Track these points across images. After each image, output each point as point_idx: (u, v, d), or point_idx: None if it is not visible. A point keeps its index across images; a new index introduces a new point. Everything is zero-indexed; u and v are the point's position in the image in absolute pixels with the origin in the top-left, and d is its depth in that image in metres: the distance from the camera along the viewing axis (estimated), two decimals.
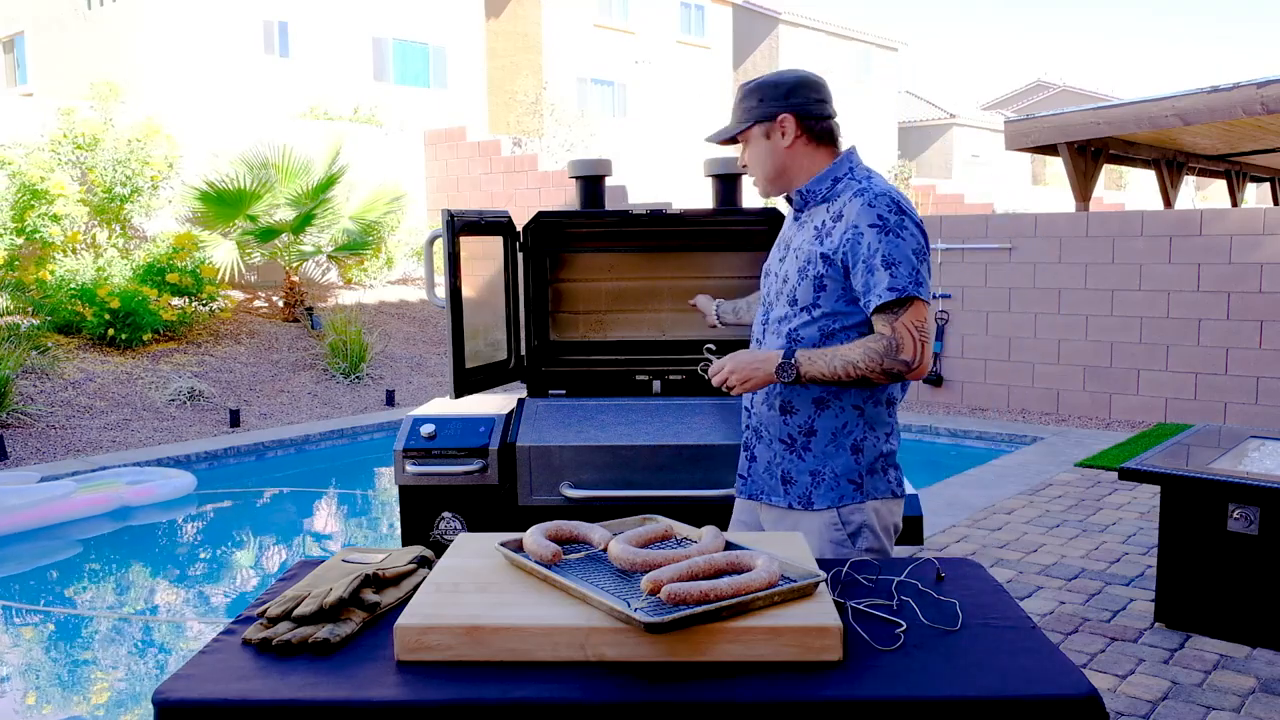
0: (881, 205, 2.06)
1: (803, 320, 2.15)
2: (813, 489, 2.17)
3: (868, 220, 2.05)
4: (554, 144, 17.18)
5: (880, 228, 2.04)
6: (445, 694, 1.36)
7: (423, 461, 2.98)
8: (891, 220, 2.05)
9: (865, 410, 2.16)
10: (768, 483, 2.24)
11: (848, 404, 2.14)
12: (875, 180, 2.14)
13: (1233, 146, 11.15)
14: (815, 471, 2.17)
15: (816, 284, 2.12)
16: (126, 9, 19.17)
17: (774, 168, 2.20)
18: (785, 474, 2.20)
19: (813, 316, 2.14)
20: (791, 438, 2.19)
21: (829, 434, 2.15)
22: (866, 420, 2.16)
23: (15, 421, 7.82)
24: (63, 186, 9.97)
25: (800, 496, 2.18)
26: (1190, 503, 3.74)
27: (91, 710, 4.01)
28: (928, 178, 29.99)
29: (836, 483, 2.15)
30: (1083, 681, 1.38)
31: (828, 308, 2.12)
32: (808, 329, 2.14)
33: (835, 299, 2.11)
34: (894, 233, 2.04)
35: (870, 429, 2.17)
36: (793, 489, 2.19)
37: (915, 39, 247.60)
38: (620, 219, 3.36)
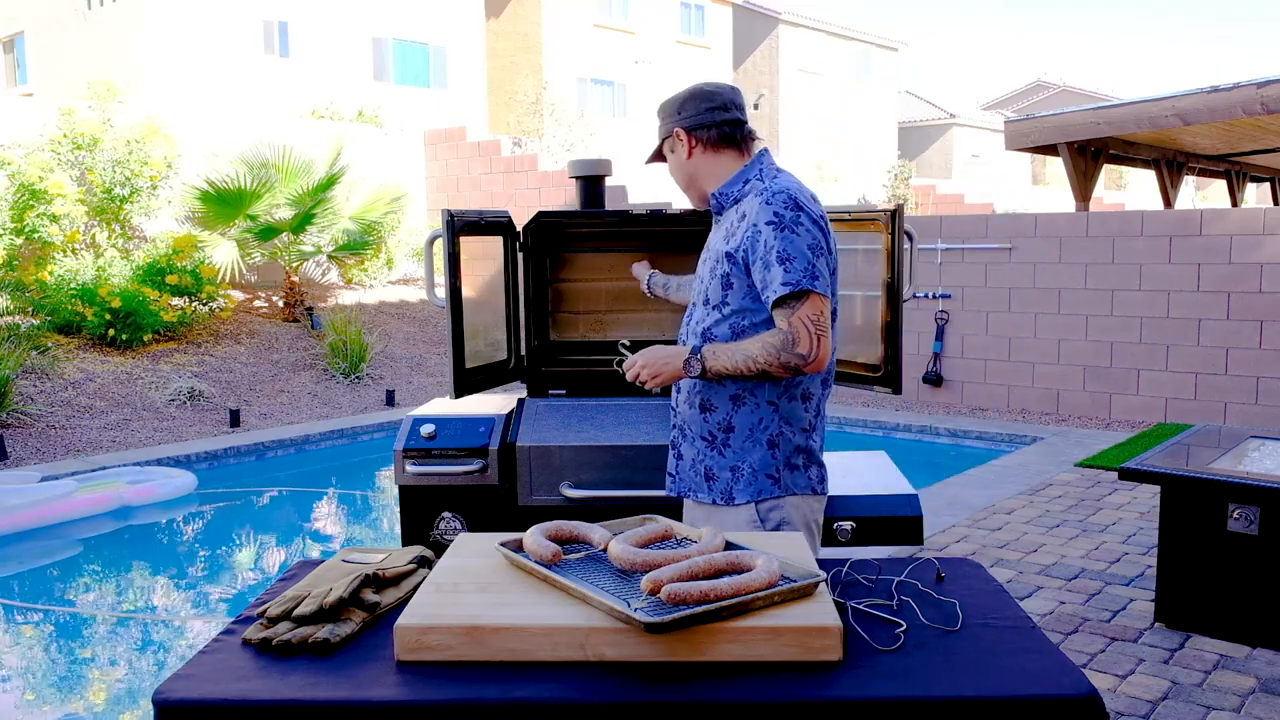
0: (778, 202, 2.12)
1: (714, 319, 2.22)
2: (733, 484, 2.22)
3: (765, 217, 2.12)
4: (554, 144, 17.18)
5: (776, 224, 2.10)
6: (445, 694, 1.36)
7: (423, 461, 2.98)
8: (787, 216, 2.11)
9: (780, 405, 2.20)
10: (693, 480, 2.30)
11: (762, 400, 2.20)
12: (780, 179, 2.20)
13: (1233, 146, 11.15)
14: (735, 467, 2.22)
15: (724, 282, 2.19)
16: (126, 9, 19.17)
17: (683, 179, 2.32)
18: (708, 470, 2.26)
19: (723, 314, 2.20)
20: (712, 434, 2.24)
21: (746, 429, 2.20)
22: (781, 415, 2.21)
23: (15, 421, 7.82)
24: (61, 186, 9.97)
25: (722, 492, 2.23)
26: (1190, 503, 3.74)
27: (92, 710, 4.01)
28: (928, 178, 29.99)
29: (755, 477, 2.20)
30: (1083, 681, 1.38)
31: (735, 305, 2.19)
32: (719, 327, 2.21)
33: (741, 296, 2.17)
34: (789, 229, 2.09)
35: (786, 424, 2.21)
36: (715, 485, 2.24)
37: (915, 39, 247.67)
38: (620, 219, 3.35)
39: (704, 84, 2.29)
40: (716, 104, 2.25)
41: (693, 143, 2.26)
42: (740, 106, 2.29)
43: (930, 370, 9.33)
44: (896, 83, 35.92)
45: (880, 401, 9.51)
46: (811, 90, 31.82)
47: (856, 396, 9.59)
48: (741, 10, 31.00)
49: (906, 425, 8.59)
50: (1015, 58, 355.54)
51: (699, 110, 2.25)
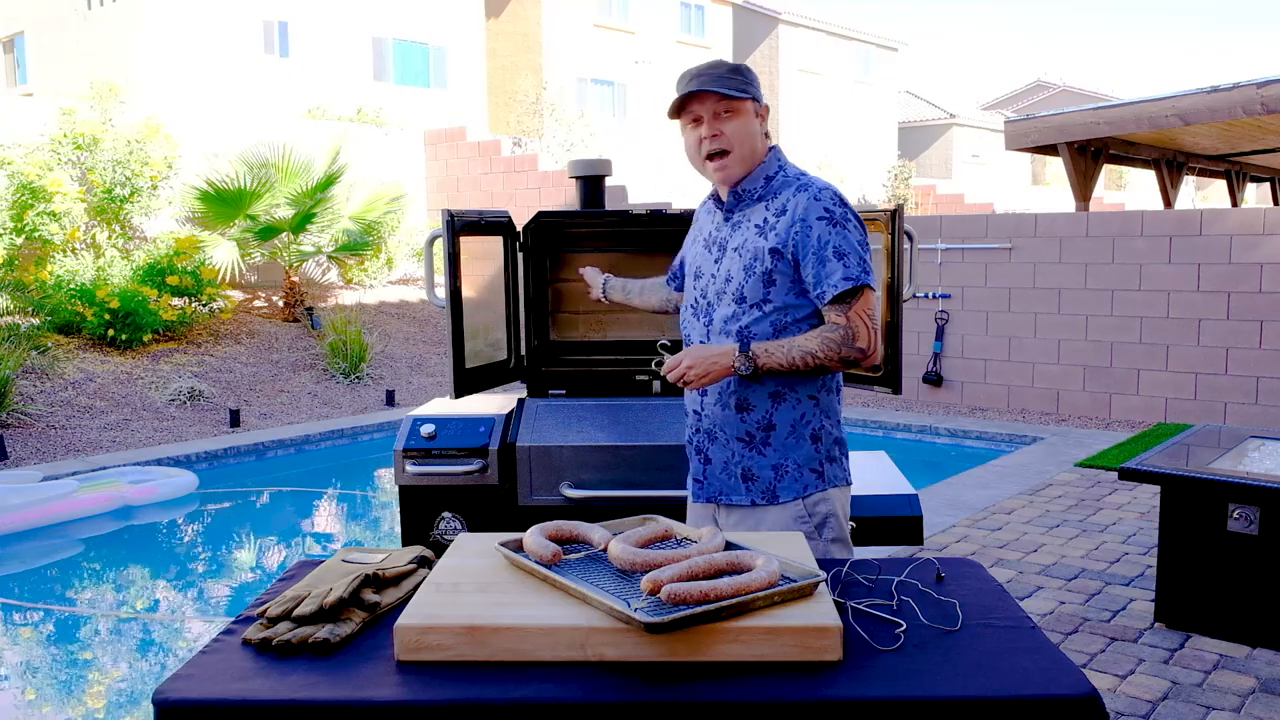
0: (827, 199, 2.13)
1: (754, 316, 2.17)
2: (776, 483, 2.19)
3: (816, 213, 2.11)
4: (554, 144, 17.18)
5: (828, 220, 2.10)
6: (445, 694, 1.36)
7: (423, 461, 2.98)
8: (838, 213, 2.11)
9: (820, 399, 2.20)
10: (726, 483, 2.25)
11: (803, 395, 2.18)
12: (813, 177, 2.20)
13: (1233, 146, 11.15)
14: (778, 465, 2.19)
15: (765, 279, 2.15)
16: (126, 9, 19.17)
17: (755, 149, 2.19)
18: (746, 471, 2.22)
19: (764, 312, 2.16)
20: (750, 434, 2.20)
21: (789, 426, 2.18)
22: (822, 409, 2.21)
23: (15, 421, 7.82)
24: (60, 184, 9.97)
25: (764, 491, 2.20)
26: (1190, 503, 3.74)
27: (92, 710, 4.01)
28: (928, 178, 29.99)
29: (800, 473, 2.19)
30: (1083, 681, 1.38)
31: (778, 302, 2.15)
32: (759, 325, 2.16)
33: (785, 293, 2.15)
34: (841, 225, 2.10)
35: (826, 417, 2.21)
36: (755, 485, 2.21)
37: (915, 39, 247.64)
38: (620, 219, 3.36)
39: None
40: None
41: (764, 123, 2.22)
42: None
43: (930, 370, 9.33)
44: (896, 83, 35.92)
45: (880, 401, 9.51)
46: (811, 90, 31.82)
47: (856, 396, 9.59)
48: (741, 10, 30.99)
49: (906, 425, 8.59)
50: (1015, 58, 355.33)
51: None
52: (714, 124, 2.15)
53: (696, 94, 2.14)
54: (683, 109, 2.18)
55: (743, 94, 2.14)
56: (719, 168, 2.18)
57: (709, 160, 2.18)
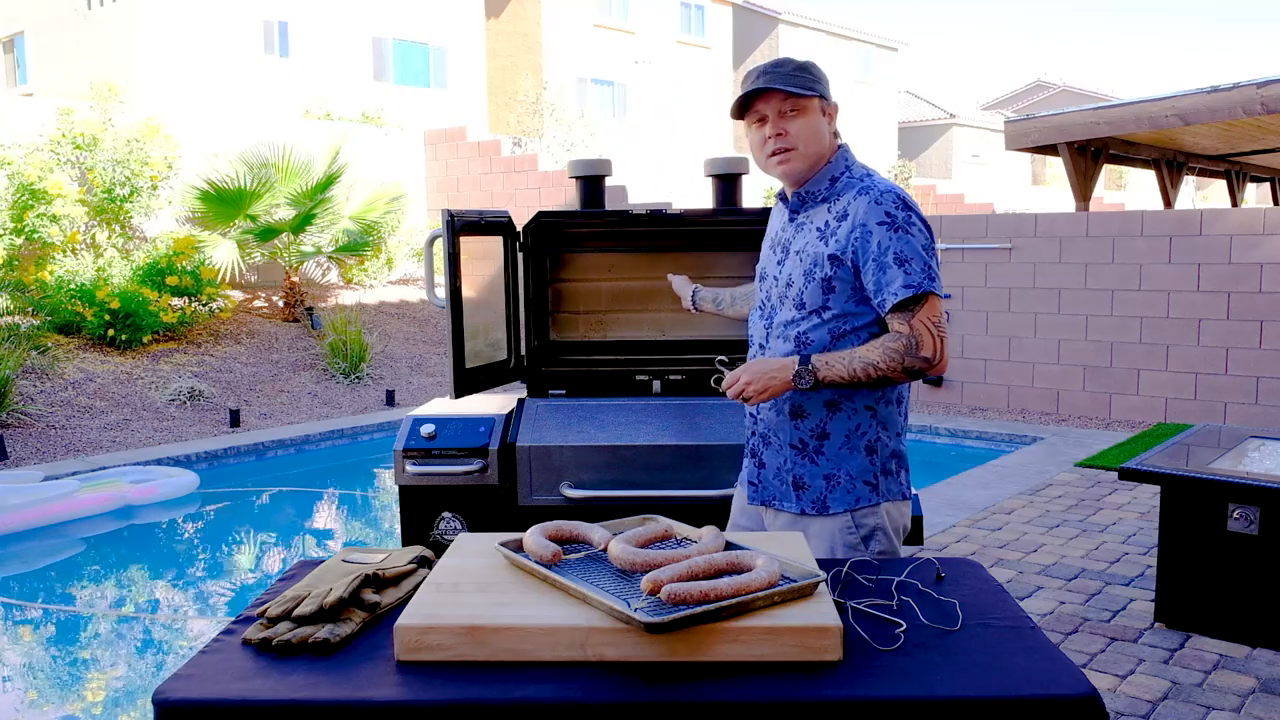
0: (888, 202, 2.04)
1: (812, 323, 2.11)
2: (827, 493, 2.14)
3: (876, 218, 2.03)
4: (554, 144, 17.18)
5: (889, 224, 2.03)
6: (445, 694, 1.36)
7: (423, 461, 2.98)
8: (900, 217, 2.04)
9: (878, 410, 2.14)
10: (778, 489, 2.20)
11: (860, 405, 2.12)
12: (877, 178, 2.12)
13: (1233, 146, 11.15)
14: (830, 475, 2.14)
15: (824, 286, 2.09)
16: (126, 9, 19.17)
17: (819, 150, 2.12)
18: (797, 479, 2.17)
19: (823, 319, 2.10)
20: (803, 442, 2.15)
21: (843, 436, 2.13)
22: (879, 420, 2.14)
23: (15, 421, 7.82)
24: (60, 186, 9.97)
25: (814, 501, 2.15)
26: (1190, 503, 3.74)
27: (92, 710, 4.01)
28: (928, 178, 29.99)
29: (852, 485, 2.13)
30: (1083, 681, 1.38)
31: (837, 309, 2.09)
32: (817, 332, 2.11)
33: (845, 300, 2.09)
34: (903, 229, 2.03)
35: (883, 429, 2.15)
36: (805, 494, 2.16)
37: (915, 39, 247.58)
38: (620, 219, 3.36)
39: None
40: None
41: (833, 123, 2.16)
42: None
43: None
44: (896, 83, 35.92)
45: None
46: None
47: None
48: (741, 10, 31.00)
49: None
50: (1015, 58, 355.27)
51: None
52: (779, 122, 2.09)
53: (761, 93, 2.07)
54: (747, 108, 2.11)
55: (809, 91, 2.08)
56: (781, 162, 2.11)
57: (772, 157, 2.12)
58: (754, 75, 2.11)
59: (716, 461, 2.92)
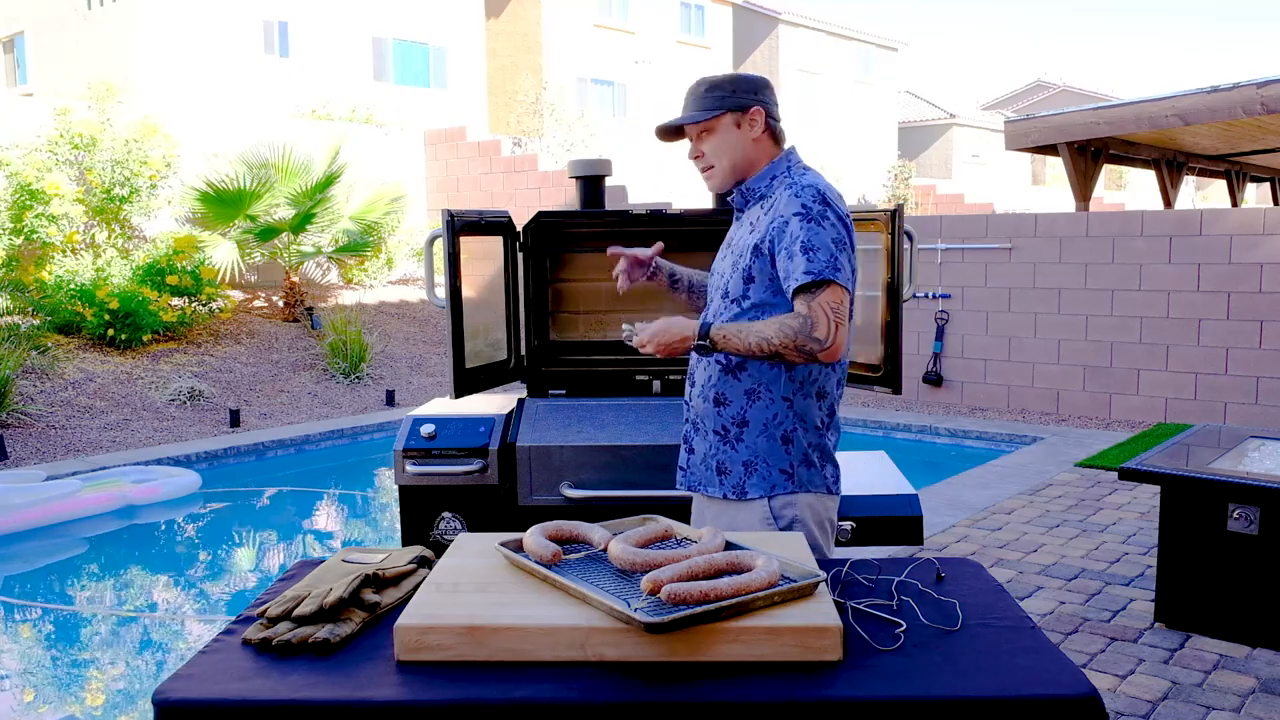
0: (806, 195, 2.13)
1: (732, 313, 2.21)
2: (746, 479, 2.21)
3: (793, 209, 2.12)
4: (554, 144, 17.18)
5: (803, 216, 2.11)
6: (445, 694, 1.36)
7: (423, 461, 2.98)
8: (814, 210, 2.12)
9: (794, 402, 2.20)
10: (704, 474, 2.28)
11: (777, 395, 2.19)
12: (808, 175, 2.21)
13: (1233, 146, 11.15)
14: (748, 462, 2.21)
15: (745, 275, 2.18)
16: (126, 9, 19.17)
17: (742, 158, 2.24)
18: (720, 465, 2.24)
19: (742, 308, 2.19)
20: (725, 428, 2.23)
21: (760, 424, 2.20)
22: (796, 412, 2.20)
23: (15, 421, 7.82)
24: (58, 187, 9.96)
25: (734, 487, 2.22)
26: (1190, 503, 3.74)
27: (92, 710, 4.01)
28: (928, 178, 29.99)
29: (769, 472, 2.20)
30: (1083, 681, 1.38)
31: (755, 299, 2.18)
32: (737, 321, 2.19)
33: (762, 290, 2.17)
34: (815, 221, 2.10)
35: (800, 420, 2.21)
36: (727, 479, 2.23)
37: (915, 39, 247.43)
38: (620, 219, 3.36)
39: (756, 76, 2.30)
40: (775, 99, 2.28)
41: (766, 125, 2.24)
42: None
43: (930, 370, 9.33)
44: (896, 83, 35.92)
45: (880, 401, 9.51)
46: (811, 90, 31.82)
47: (856, 396, 9.59)
48: (741, 10, 31.00)
49: (906, 425, 8.59)
50: (1015, 58, 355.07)
51: (772, 100, 2.25)
52: (696, 144, 2.26)
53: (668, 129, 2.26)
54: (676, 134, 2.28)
55: (711, 113, 2.20)
56: (707, 177, 2.28)
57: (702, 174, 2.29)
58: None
59: None
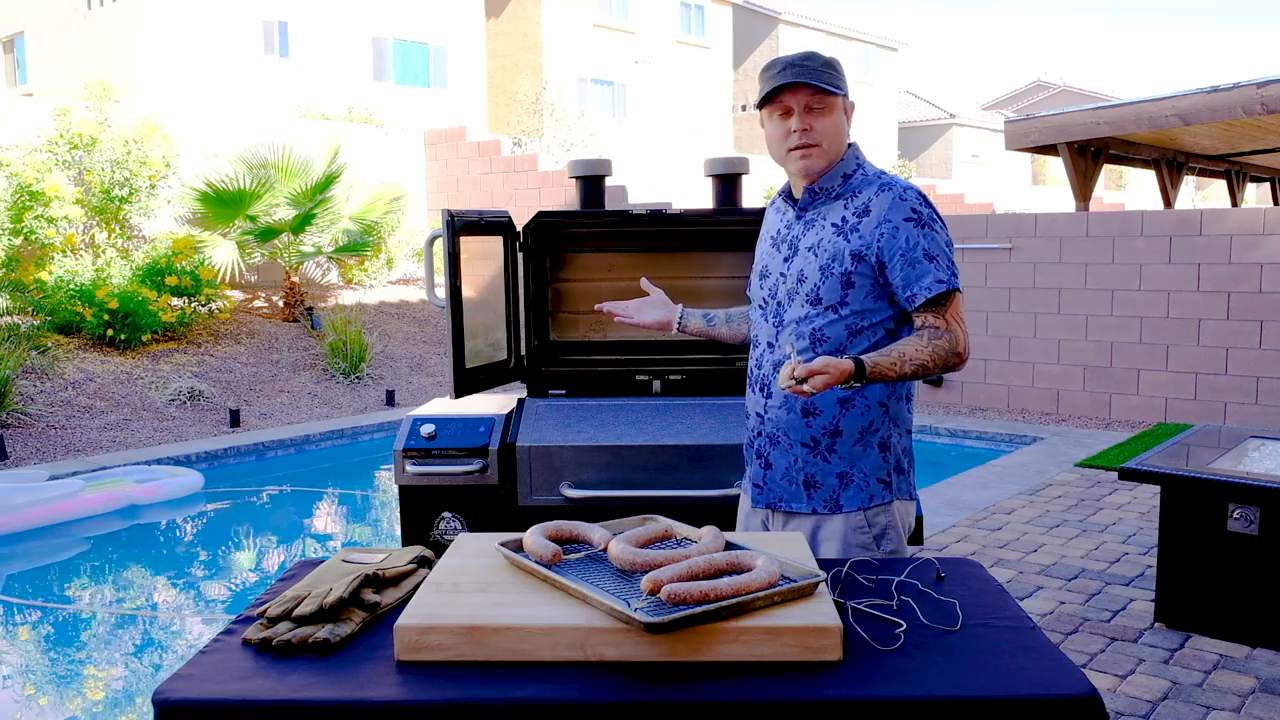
0: (913, 199, 2.06)
1: (828, 319, 2.09)
2: (840, 491, 2.12)
3: (902, 214, 2.04)
4: (554, 144, 17.18)
5: (916, 221, 2.04)
6: (445, 694, 1.36)
7: (423, 461, 2.98)
8: (925, 214, 2.06)
9: (890, 406, 2.13)
10: (787, 490, 2.17)
11: (873, 401, 2.10)
12: (894, 176, 2.14)
13: (1233, 146, 11.15)
14: (843, 473, 2.11)
15: (844, 281, 2.07)
16: (126, 9, 19.17)
17: (840, 146, 2.12)
18: (809, 478, 2.13)
19: (840, 315, 2.09)
20: (815, 440, 2.12)
21: (856, 433, 2.10)
22: (891, 416, 2.13)
23: (15, 421, 7.82)
24: (57, 189, 9.96)
25: (826, 500, 2.12)
26: (1190, 503, 3.74)
27: (95, 708, 4.01)
28: (928, 178, 29.99)
29: (866, 483, 2.11)
30: (1083, 681, 1.38)
31: (856, 305, 2.08)
32: (834, 328, 2.09)
33: (864, 296, 2.08)
34: (929, 226, 2.05)
35: (895, 425, 2.14)
36: (817, 493, 2.13)
37: (915, 39, 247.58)
38: (620, 219, 3.36)
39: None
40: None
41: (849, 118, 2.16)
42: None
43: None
44: (896, 83, 35.93)
45: None
46: None
47: None
48: (741, 10, 31.00)
49: None
50: (1015, 58, 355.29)
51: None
52: (805, 117, 2.07)
53: (790, 86, 2.05)
54: (771, 99, 2.09)
55: (836, 90, 2.07)
56: (804, 156, 2.09)
57: (794, 150, 2.09)
58: (781, 65, 2.07)
59: (716, 461, 2.92)
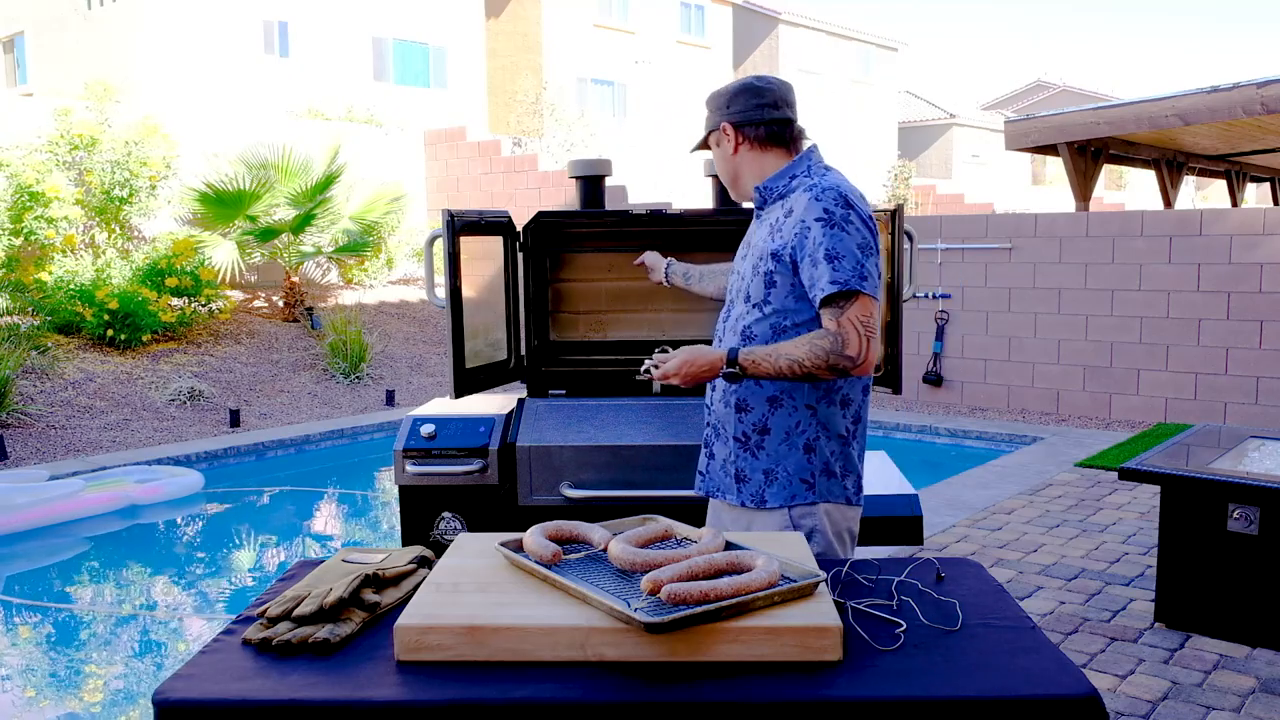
0: (828, 199, 2.07)
1: (755, 317, 2.16)
2: (765, 487, 2.17)
3: (814, 214, 2.07)
4: (554, 144, 17.18)
5: (826, 221, 2.05)
6: (445, 694, 1.36)
7: (423, 461, 2.98)
8: (838, 214, 2.06)
9: (818, 410, 2.15)
10: (723, 480, 2.25)
11: (800, 403, 2.14)
12: (830, 175, 2.16)
13: (1233, 146, 11.15)
14: (769, 470, 2.17)
15: (767, 280, 2.14)
16: (126, 9, 19.17)
17: (727, 174, 2.28)
18: (739, 472, 2.21)
19: (764, 313, 2.15)
20: (746, 435, 2.19)
21: (783, 433, 2.15)
22: (819, 420, 2.15)
23: (15, 421, 7.82)
24: (57, 190, 9.96)
25: (753, 495, 2.19)
26: (1190, 503, 3.74)
27: (94, 708, 4.01)
28: (928, 178, 29.99)
29: (790, 482, 2.15)
30: (1083, 681, 1.38)
31: (777, 304, 2.13)
32: (759, 326, 2.16)
33: (784, 295, 2.12)
34: (839, 226, 2.05)
35: (823, 429, 2.16)
36: (746, 487, 2.20)
37: (915, 39, 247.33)
38: (620, 219, 3.35)
39: (755, 79, 2.23)
40: (766, 101, 2.19)
41: (739, 139, 2.21)
42: (791, 105, 2.23)
43: (930, 370, 9.33)
44: (896, 83, 35.91)
45: (880, 401, 9.51)
46: (811, 90, 31.80)
47: None
48: (741, 10, 30.99)
49: (906, 425, 8.59)
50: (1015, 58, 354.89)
51: (748, 106, 2.19)
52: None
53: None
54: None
55: (703, 136, 2.32)
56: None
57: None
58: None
59: None
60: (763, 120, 2.19)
